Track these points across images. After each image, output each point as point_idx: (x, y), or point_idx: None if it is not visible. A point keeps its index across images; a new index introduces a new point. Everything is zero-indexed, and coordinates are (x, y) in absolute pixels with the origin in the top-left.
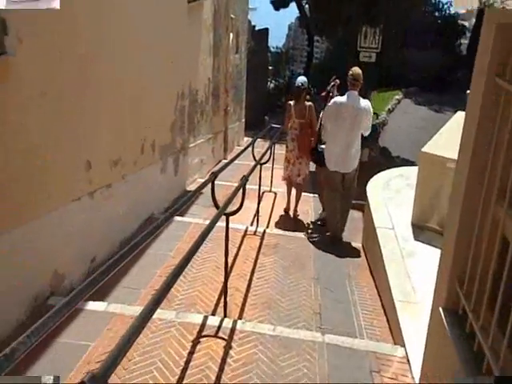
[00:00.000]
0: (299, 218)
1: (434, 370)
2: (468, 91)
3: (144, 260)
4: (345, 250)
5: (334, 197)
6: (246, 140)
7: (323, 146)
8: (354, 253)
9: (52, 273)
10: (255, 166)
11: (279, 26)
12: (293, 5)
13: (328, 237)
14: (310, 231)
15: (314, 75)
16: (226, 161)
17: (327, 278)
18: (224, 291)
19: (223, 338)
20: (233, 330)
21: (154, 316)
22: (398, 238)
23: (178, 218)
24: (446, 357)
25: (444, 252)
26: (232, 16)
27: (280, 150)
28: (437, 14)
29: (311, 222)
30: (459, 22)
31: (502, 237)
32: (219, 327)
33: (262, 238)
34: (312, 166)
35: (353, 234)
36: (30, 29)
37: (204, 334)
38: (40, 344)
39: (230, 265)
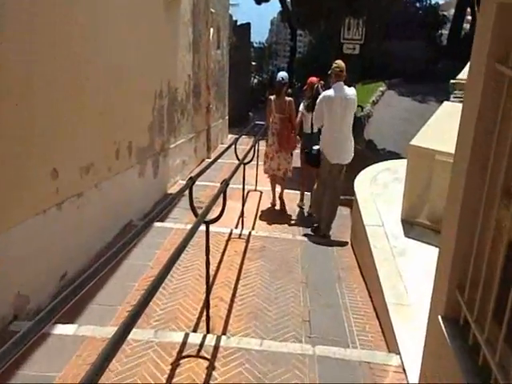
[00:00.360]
0: (286, 209)
1: None
2: (451, 80)
3: (121, 272)
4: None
5: (323, 191)
6: (230, 137)
7: (316, 147)
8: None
9: (15, 294)
10: (238, 166)
11: (262, 21)
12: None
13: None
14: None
15: (297, 69)
16: (209, 160)
17: (316, 281)
18: (206, 306)
19: (206, 358)
20: (216, 347)
21: (130, 337)
22: (388, 235)
23: (157, 224)
24: (447, 370)
25: (441, 255)
26: (212, 10)
27: (265, 147)
28: (418, 4)
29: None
30: (440, 12)
31: (508, 238)
32: (201, 345)
33: (248, 241)
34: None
35: (341, 232)
36: None
37: (185, 354)
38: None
39: (213, 273)
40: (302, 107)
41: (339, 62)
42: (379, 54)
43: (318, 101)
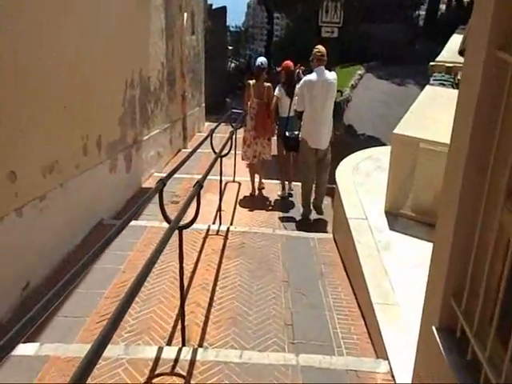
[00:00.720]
0: (264, 195)
1: None
2: (431, 63)
3: (90, 278)
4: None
5: (309, 174)
6: (208, 125)
7: (296, 132)
8: (322, 227)
9: None
10: (215, 160)
11: (238, 4)
12: None
13: (301, 214)
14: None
15: (274, 53)
16: (186, 150)
17: (298, 278)
18: (181, 317)
19: (181, 375)
20: (192, 361)
21: None
22: (372, 229)
23: (131, 223)
24: None
25: (435, 257)
26: None
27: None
28: None
29: (278, 195)
30: None
31: None
32: (176, 360)
33: (226, 238)
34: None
35: (318, 225)
36: None
37: (158, 371)
38: None
39: (189, 274)
40: (277, 91)
41: (320, 47)
42: (357, 36)
43: (299, 85)
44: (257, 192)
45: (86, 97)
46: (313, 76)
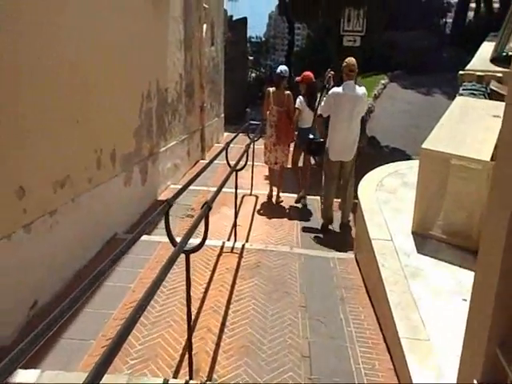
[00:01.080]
0: (282, 204)
1: None
2: (460, 72)
3: (98, 297)
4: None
5: (331, 186)
6: (227, 135)
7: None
8: (345, 245)
9: None
10: (230, 174)
11: (259, 15)
12: None
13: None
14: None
15: (295, 63)
16: (203, 161)
17: (316, 304)
18: (188, 348)
19: None
20: None
21: None
22: (399, 251)
23: (142, 237)
24: None
25: (476, 297)
26: (205, 6)
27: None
28: None
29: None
30: None
31: None
32: None
33: (241, 256)
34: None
35: (340, 242)
36: None
37: None
38: None
39: (201, 295)
40: (298, 103)
41: (349, 60)
42: (380, 44)
43: (328, 94)
44: (274, 194)
45: (100, 110)
46: (340, 89)
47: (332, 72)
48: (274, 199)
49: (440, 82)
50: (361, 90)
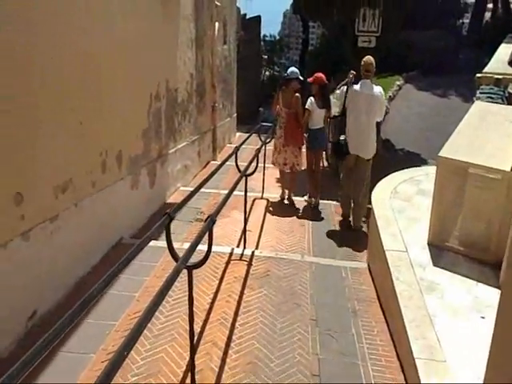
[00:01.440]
0: (296, 205)
1: None
2: (477, 75)
3: (101, 306)
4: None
5: (347, 179)
6: (239, 136)
7: (342, 137)
8: (359, 248)
9: None
10: (239, 180)
11: (274, 14)
12: None
13: (340, 222)
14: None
15: (309, 62)
16: (215, 162)
17: (328, 317)
18: (191, 368)
19: None
20: None
21: None
22: (414, 264)
23: (150, 243)
24: None
25: (502, 314)
26: (217, 3)
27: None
28: None
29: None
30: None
31: None
32: None
33: (250, 264)
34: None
35: (353, 250)
36: None
37: None
38: None
39: (208, 306)
40: (308, 104)
41: (367, 59)
42: (396, 44)
43: (343, 88)
44: (286, 195)
45: (106, 111)
46: (357, 87)
47: (353, 72)
48: (285, 201)
49: (456, 83)
50: (377, 89)
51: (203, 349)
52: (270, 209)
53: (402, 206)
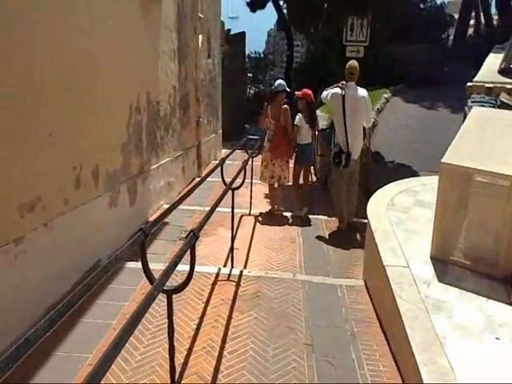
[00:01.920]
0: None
1: None
2: (468, 83)
3: (73, 336)
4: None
5: (341, 182)
6: (224, 152)
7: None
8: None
9: None
10: (225, 193)
11: (258, 32)
12: (270, 8)
13: (337, 226)
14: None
15: (295, 79)
16: (200, 179)
17: (324, 341)
18: None
19: None
20: None
21: None
22: (417, 280)
23: (130, 265)
24: None
25: None
26: (201, 16)
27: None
28: (422, 5)
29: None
30: (446, 12)
31: None
32: None
33: (238, 285)
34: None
35: (351, 265)
36: None
37: None
38: None
39: (193, 332)
40: (297, 120)
41: (351, 63)
42: (382, 57)
43: (330, 90)
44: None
45: (82, 122)
46: (342, 91)
47: (344, 82)
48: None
49: (443, 95)
50: (362, 91)
51: (188, 382)
52: (260, 220)
53: (400, 218)
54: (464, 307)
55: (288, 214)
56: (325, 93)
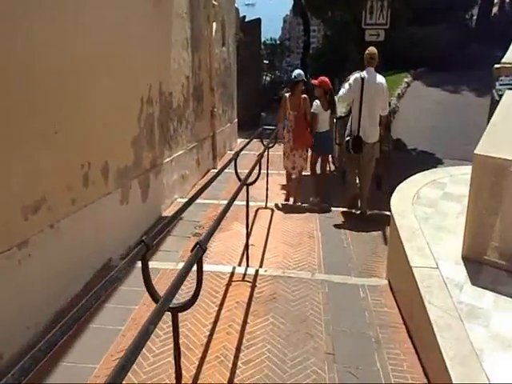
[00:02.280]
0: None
1: None
2: (496, 65)
3: (80, 344)
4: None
5: (351, 164)
6: (240, 142)
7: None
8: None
9: None
10: (239, 190)
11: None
12: None
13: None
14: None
15: (311, 64)
16: (215, 170)
17: (346, 349)
18: None
19: None
20: None
21: None
22: (448, 283)
23: (140, 264)
24: None
25: None
26: (214, 3)
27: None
28: None
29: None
30: None
31: None
32: None
33: (254, 285)
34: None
35: (372, 262)
36: None
37: None
38: None
39: (205, 340)
40: (314, 107)
41: (371, 49)
42: (402, 40)
43: (348, 81)
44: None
45: (90, 118)
46: (362, 74)
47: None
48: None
49: (467, 79)
50: (380, 79)
51: None
52: (276, 213)
53: (427, 212)
54: (502, 314)
55: (305, 206)
56: (341, 91)
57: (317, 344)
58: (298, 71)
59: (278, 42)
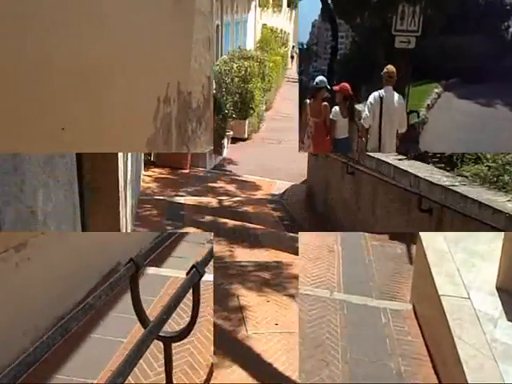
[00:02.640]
0: None
1: None
2: None
3: (78, 356)
4: None
5: None
6: None
7: None
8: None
9: None
10: None
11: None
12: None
13: None
14: None
15: (339, 70)
16: None
17: (365, 380)
18: None
19: None
20: None
21: None
22: (480, 317)
23: (150, 270)
24: None
25: None
26: None
27: None
28: None
29: None
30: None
31: None
32: None
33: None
34: None
35: (396, 283)
36: None
37: None
38: None
39: (207, 369)
40: (333, 114)
41: (390, 67)
42: (433, 49)
43: (368, 101)
44: None
45: (98, 115)
46: (380, 93)
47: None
48: None
49: (501, 92)
50: (398, 97)
51: None
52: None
53: (458, 235)
54: None
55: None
56: (364, 114)
57: (332, 373)
58: (320, 78)
59: (305, 46)
